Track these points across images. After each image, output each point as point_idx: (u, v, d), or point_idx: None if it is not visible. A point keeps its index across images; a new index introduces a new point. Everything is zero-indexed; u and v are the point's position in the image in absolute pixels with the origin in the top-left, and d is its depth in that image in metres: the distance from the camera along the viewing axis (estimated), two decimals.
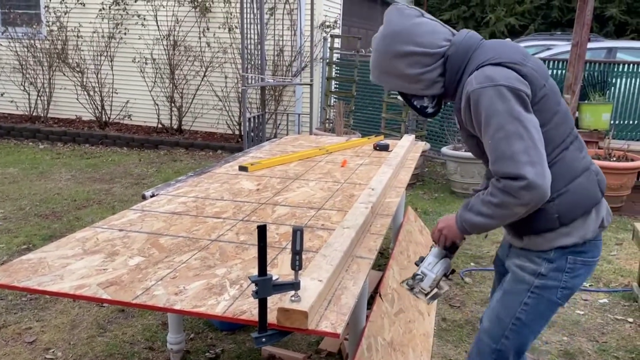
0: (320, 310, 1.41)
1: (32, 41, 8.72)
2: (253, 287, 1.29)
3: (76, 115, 9.13)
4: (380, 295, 2.72)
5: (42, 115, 9.00)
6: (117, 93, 8.73)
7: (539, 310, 1.65)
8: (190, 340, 2.88)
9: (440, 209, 5.49)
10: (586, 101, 6.06)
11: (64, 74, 8.74)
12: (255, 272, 1.32)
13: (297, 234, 1.31)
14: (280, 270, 1.67)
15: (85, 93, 8.66)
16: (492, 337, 1.72)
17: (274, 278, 1.30)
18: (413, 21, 1.61)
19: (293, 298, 1.35)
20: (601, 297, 3.62)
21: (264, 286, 1.29)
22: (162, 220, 2.09)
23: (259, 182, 2.73)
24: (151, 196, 2.49)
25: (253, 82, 6.47)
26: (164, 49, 8.17)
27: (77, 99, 8.79)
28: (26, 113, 9.12)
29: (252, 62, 6.42)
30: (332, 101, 7.37)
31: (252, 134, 6.26)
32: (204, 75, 8.13)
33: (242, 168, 2.96)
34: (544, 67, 1.60)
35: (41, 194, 5.72)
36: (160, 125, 8.58)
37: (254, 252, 1.81)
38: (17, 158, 7.40)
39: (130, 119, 8.84)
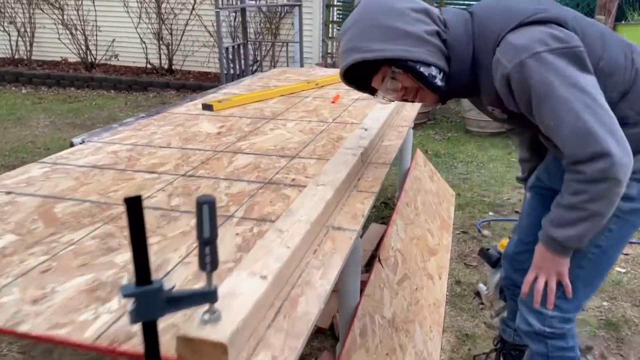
0: (260, 330, 0.86)
1: None
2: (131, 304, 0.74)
3: (61, 57, 8.48)
4: (379, 260, 2.19)
5: (26, 57, 8.37)
6: (100, 31, 8.02)
7: (621, 236, 1.42)
8: None
9: (454, 150, 4.88)
10: (623, 21, 5.30)
11: (43, 12, 8.02)
12: (167, 258, 0.76)
13: (204, 208, 0.74)
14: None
15: (68, 32, 7.97)
16: None
17: (166, 286, 0.75)
18: None
19: (206, 317, 0.79)
20: None
21: (148, 302, 0.73)
22: (74, 178, 1.53)
23: (223, 124, 2.14)
24: (80, 143, 1.93)
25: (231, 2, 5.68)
26: None
27: (59, 39, 8.10)
28: (8, 56, 8.48)
29: None
30: (333, 32, 6.62)
31: (231, 65, 5.51)
32: (193, 8, 7.37)
33: (206, 106, 2.37)
34: (554, 2, 1.32)
35: (13, 142, 5.20)
36: (149, 66, 7.91)
37: (186, 221, 1.25)
38: None
39: (118, 59, 8.17)
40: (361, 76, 1.39)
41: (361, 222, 1.26)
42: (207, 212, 0.74)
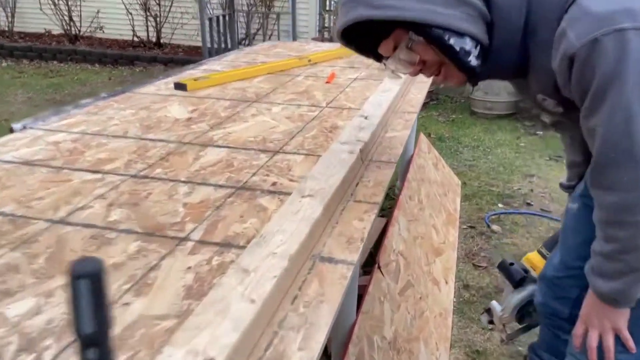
0: None
1: None
2: None
3: (45, 29, 8.04)
4: (379, 268, 1.89)
5: (7, 29, 7.93)
6: (84, 1, 7.57)
7: None
8: None
9: (459, 133, 4.55)
10: None
11: None
12: None
13: (81, 287, 0.41)
14: (153, 297, 0.79)
15: (50, 2, 7.52)
16: None
17: None
18: None
19: None
20: None
21: None
22: None
23: (196, 107, 1.80)
24: (21, 130, 1.60)
25: None
26: None
27: (41, 9, 7.65)
28: None
29: None
30: (331, 5, 6.22)
31: (215, 39, 5.09)
32: None
33: (179, 86, 2.03)
34: None
35: None
36: (136, 39, 7.49)
37: (122, 247, 0.92)
38: None
39: (103, 32, 7.73)
40: (365, 35, 1.02)
41: (360, 249, 0.94)
42: (87, 291, 0.42)
